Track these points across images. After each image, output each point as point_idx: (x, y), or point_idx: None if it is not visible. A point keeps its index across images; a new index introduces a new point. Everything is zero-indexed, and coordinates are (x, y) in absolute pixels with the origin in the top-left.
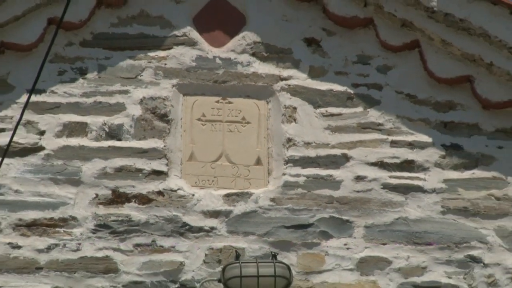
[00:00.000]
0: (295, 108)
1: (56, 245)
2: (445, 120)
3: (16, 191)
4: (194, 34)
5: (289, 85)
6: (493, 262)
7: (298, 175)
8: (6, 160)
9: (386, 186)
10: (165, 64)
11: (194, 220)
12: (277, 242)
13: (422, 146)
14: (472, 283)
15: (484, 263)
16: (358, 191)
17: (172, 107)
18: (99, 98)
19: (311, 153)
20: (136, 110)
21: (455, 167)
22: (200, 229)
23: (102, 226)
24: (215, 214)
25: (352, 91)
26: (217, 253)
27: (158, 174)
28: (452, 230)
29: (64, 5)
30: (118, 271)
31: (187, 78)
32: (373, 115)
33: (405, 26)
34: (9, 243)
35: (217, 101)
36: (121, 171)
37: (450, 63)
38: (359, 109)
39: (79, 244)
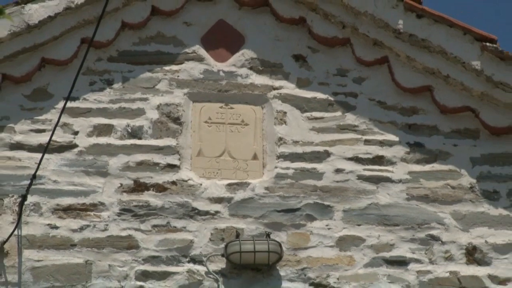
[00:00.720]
0: (285, 113)
1: (87, 226)
2: (409, 123)
3: (55, 181)
4: (202, 52)
5: (280, 93)
6: (449, 240)
7: (287, 168)
8: (46, 156)
9: (361, 177)
10: (178, 76)
11: (201, 205)
12: (270, 223)
13: (390, 144)
14: (432, 258)
15: (442, 241)
16: (337, 181)
17: (184, 111)
18: (123, 104)
19: (299, 149)
20: (153, 114)
21: (418, 161)
22: (206, 213)
23: (125, 210)
24: (219, 200)
25: (332, 99)
26: (221, 232)
27: (172, 167)
28: (415, 214)
29: (94, 27)
30: (139, 247)
31: (196, 87)
32: (350, 118)
33: (377, 45)
34: (48, 224)
35: (221, 107)
36: (141, 165)
37: (414, 75)
38: (338, 113)
39: (107, 225)
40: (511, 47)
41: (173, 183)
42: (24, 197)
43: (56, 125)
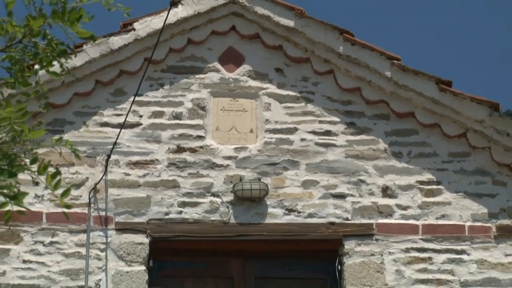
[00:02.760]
0: (270, 104)
1: (148, 173)
2: (346, 110)
3: (128, 146)
4: (219, 66)
5: (267, 92)
6: (371, 182)
7: (271, 138)
8: (122, 130)
9: (317, 143)
10: (204, 81)
11: (218, 161)
12: (260, 172)
13: (335, 123)
14: (360, 193)
15: (366, 183)
16: (302, 146)
17: (207, 103)
18: (170, 99)
19: (278, 126)
20: (189, 104)
21: (352, 134)
22: (221, 166)
23: (171, 164)
24: (229, 158)
25: (299, 95)
26: (230, 177)
27: (200, 137)
28: (350, 166)
29: (152, 51)
30: (179, 187)
31: (215, 88)
32: (310, 107)
33: (326, 62)
34: (123, 172)
35: (230, 100)
36: (181, 136)
37: (349, 80)
38: (302, 104)
39: (160, 173)
40: (409, 62)
41: (201, 147)
42: (109, 156)
43: (129, 111)
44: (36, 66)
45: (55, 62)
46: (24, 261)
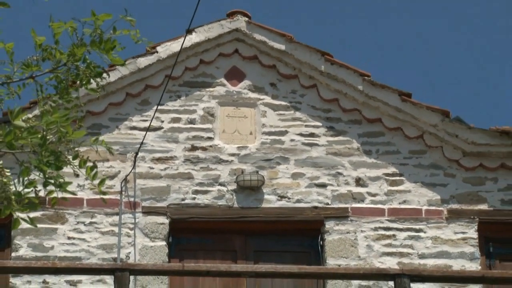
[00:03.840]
0: (265, 111)
1: (168, 167)
2: (327, 116)
3: (152, 145)
4: (225, 81)
5: (263, 102)
6: (347, 174)
7: (267, 139)
8: (148, 133)
9: (303, 143)
10: (213, 93)
11: (224, 157)
12: (258, 166)
13: (317, 127)
14: (338, 183)
15: (343, 175)
16: (291, 145)
17: (215, 111)
18: (186, 107)
19: (272, 129)
20: (201, 112)
21: (331, 135)
22: (227, 161)
23: (187, 160)
24: (233, 155)
25: (289, 104)
26: (234, 170)
27: (209, 138)
28: (330, 161)
29: (171, 69)
30: (193, 178)
31: (222, 99)
32: (298, 114)
33: (310, 78)
34: (148, 166)
35: (234, 108)
36: (194, 137)
37: (329, 93)
38: (292, 112)
39: (177, 167)
40: (377, 77)
41: (210, 146)
42: (136, 153)
43: (152, 117)
44: (77, 83)
45: (92, 81)
46: (69, 238)
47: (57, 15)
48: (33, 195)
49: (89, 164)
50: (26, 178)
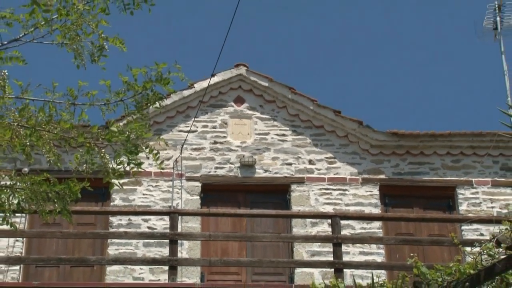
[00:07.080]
0: (256, 121)
1: (200, 154)
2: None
3: (191, 141)
4: (233, 104)
5: (255, 116)
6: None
7: (257, 137)
8: (189, 134)
9: (279, 140)
10: (226, 111)
11: (233, 148)
12: (252, 153)
13: (286, 130)
14: (299, 163)
15: (302, 158)
16: (271, 141)
17: (228, 121)
18: (211, 119)
19: (261, 132)
20: (219, 122)
21: (296, 135)
22: (234, 150)
23: (211, 149)
24: (238, 146)
25: (270, 117)
26: (238, 155)
27: (224, 137)
28: (295, 151)
29: (198, 105)
30: (215, 160)
31: (231, 114)
32: (275, 123)
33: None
34: (189, 153)
35: (238, 119)
36: (216, 136)
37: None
38: (272, 121)
39: (206, 153)
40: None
41: (225, 141)
42: (182, 145)
43: (191, 125)
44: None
45: (157, 103)
46: (143, 194)
47: (130, 61)
48: (121, 169)
49: (155, 151)
50: (118, 160)
